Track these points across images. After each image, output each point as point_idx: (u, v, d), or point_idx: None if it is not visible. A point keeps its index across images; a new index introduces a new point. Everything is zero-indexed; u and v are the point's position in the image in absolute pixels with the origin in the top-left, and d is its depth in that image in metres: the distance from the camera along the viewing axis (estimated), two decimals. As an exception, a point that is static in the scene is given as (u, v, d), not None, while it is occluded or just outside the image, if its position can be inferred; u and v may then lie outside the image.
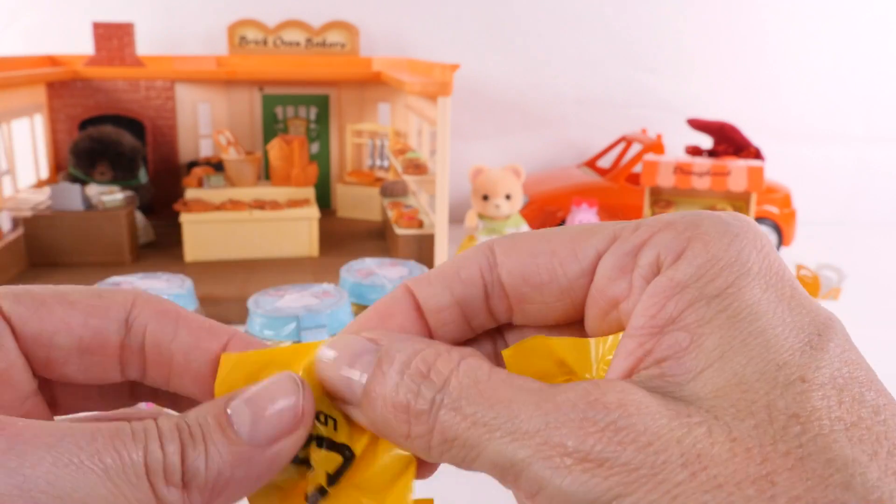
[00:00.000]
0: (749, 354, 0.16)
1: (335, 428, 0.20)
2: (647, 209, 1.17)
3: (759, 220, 1.29)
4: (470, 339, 0.21)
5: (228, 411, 0.18)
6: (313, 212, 1.20)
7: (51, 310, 0.20)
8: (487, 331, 0.22)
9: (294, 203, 1.23)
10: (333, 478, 0.19)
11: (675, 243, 0.17)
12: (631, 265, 0.18)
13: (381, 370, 0.18)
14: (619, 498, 0.15)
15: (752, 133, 1.45)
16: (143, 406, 0.24)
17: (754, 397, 0.15)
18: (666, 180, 1.15)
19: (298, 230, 1.19)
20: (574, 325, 0.21)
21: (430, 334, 0.20)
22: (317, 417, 0.20)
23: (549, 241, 0.19)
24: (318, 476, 0.19)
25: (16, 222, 1.10)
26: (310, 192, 1.29)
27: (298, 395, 0.18)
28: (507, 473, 0.16)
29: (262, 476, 0.18)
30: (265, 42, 1.46)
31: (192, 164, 1.39)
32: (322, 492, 0.19)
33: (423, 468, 0.20)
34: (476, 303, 0.20)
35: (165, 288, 0.72)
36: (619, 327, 0.18)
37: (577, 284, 0.19)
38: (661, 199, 1.20)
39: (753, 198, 1.13)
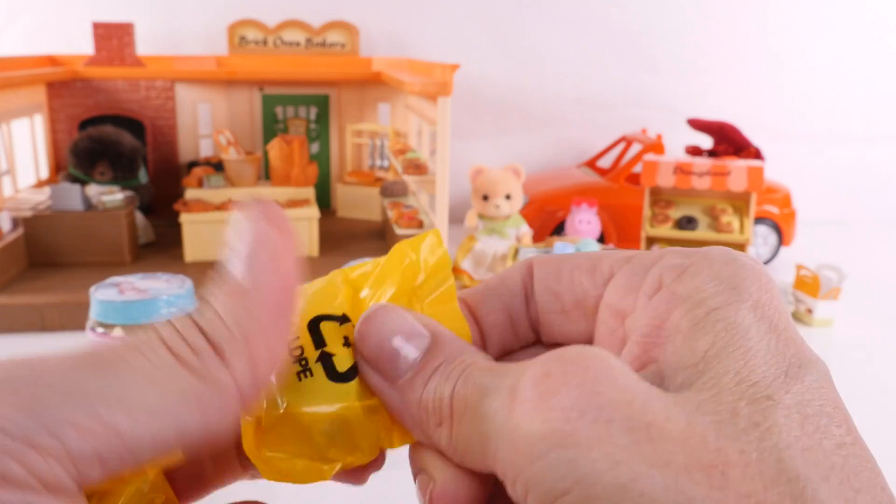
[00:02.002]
0: (729, 366, 0.16)
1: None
2: (647, 209, 1.17)
3: (759, 220, 1.29)
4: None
5: (229, 270, 0.18)
6: (313, 212, 1.20)
7: None
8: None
9: (294, 203, 1.23)
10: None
11: (679, 263, 0.18)
12: (639, 283, 0.19)
13: (434, 356, 0.18)
14: (558, 447, 0.15)
15: (752, 133, 1.45)
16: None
17: (722, 399, 0.15)
18: (666, 180, 1.15)
19: (298, 230, 1.19)
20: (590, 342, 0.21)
21: (483, 337, 0.22)
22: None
23: (576, 258, 0.21)
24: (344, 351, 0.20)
25: (16, 222, 1.10)
26: (310, 192, 1.29)
27: (271, 212, 0.18)
28: (487, 445, 0.17)
29: (282, 307, 0.17)
30: (265, 42, 1.46)
31: (192, 164, 1.39)
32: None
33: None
34: (519, 309, 0.21)
35: (165, 288, 0.72)
36: (624, 343, 0.19)
37: (591, 296, 0.20)
38: (661, 199, 1.20)
39: (753, 198, 1.13)
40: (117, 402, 0.15)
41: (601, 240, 1.26)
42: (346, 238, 1.32)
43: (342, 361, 0.20)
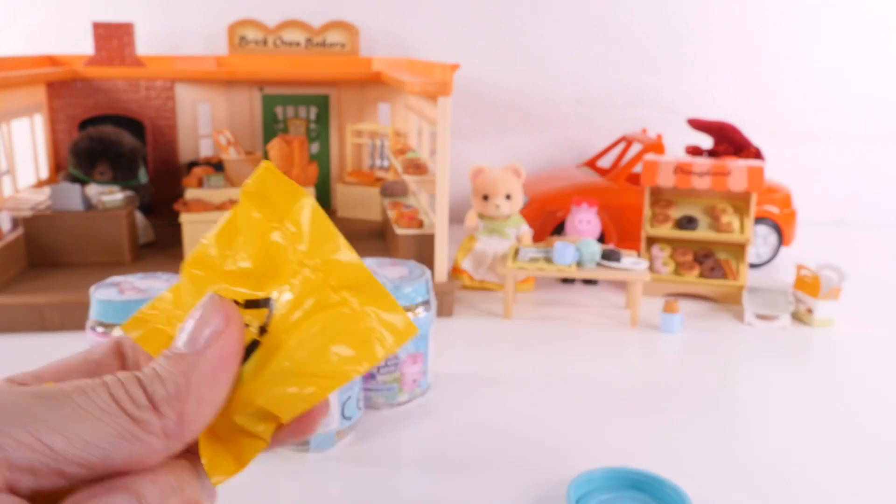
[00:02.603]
0: None
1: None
2: (647, 209, 1.17)
3: (759, 220, 1.29)
4: None
5: (172, 345, 0.21)
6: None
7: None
8: None
9: (294, 203, 1.23)
10: (263, 328, 0.22)
11: None
12: None
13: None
14: None
15: (752, 133, 1.45)
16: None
17: None
18: (666, 180, 1.15)
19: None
20: None
21: None
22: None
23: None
24: (250, 332, 0.22)
25: (16, 222, 1.10)
26: (310, 192, 1.29)
27: (221, 304, 0.22)
28: None
29: (219, 375, 0.21)
30: (265, 42, 1.46)
31: (192, 164, 1.39)
32: (254, 344, 0.22)
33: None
34: None
35: (165, 288, 0.72)
36: None
37: None
38: (662, 199, 1.20)
39: (753, 198, 1.13)
40: (57, 429, 0.18)
41: (601, 239, 1.26)
42: (346, 238, 1.31)
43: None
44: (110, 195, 1.15)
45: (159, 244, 1.25)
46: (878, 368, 0.91)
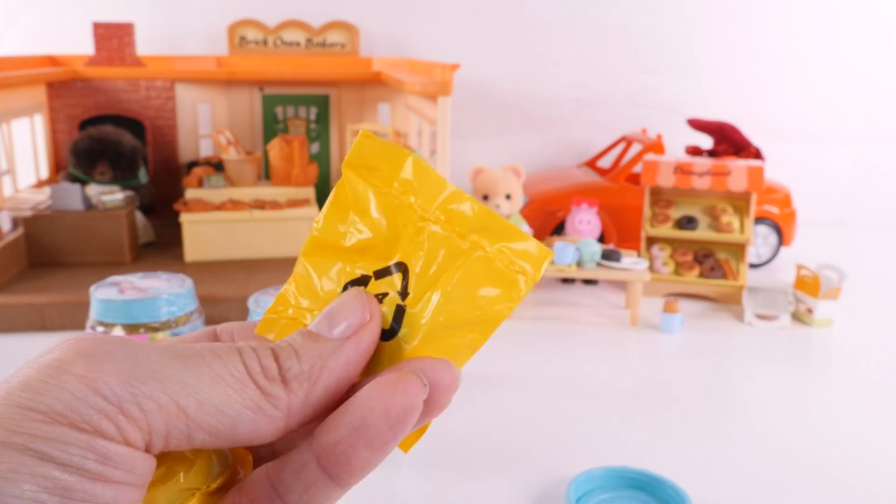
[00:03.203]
0: None
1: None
2: (647, 209, 1.17)
3: (759, 219, 1.29)
4: None
5: (310, 327, 0.21)
6: (313, 212, 1.20)
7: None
8: None
9: (294, 203, 1.23)
10: (403, 292, 0.22)
11: None
12: None
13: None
14: None
15: (752, 133, 1.45)
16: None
17: None
18: (666, 180, 1.15)
19: (298, 230, 1.19)
20: None
21: None
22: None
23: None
24: (392, 299, 0.22)
25: (16, 222, 1.10)
26: (310, 192, 1.29)
27: (366, 298, 0.21)
28: None
29: (352, 363, 0.21)
30: (265, 42, 1.46)
31: (192, 164, 1.39)
32: (400, 310, 0.22)
33: None
34: None
35: (166, 287, 0.72)
36: None
37: None
38: (662, 199, 1.20)
39: (753, 198, 1.13)
40: (192, 393, 0.18)
41: (601, 239, 1.26)
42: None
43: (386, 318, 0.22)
44: (110, 195, 1.15)
45: (159, 244, 1.25)
46: (878, 368, 0.91)
